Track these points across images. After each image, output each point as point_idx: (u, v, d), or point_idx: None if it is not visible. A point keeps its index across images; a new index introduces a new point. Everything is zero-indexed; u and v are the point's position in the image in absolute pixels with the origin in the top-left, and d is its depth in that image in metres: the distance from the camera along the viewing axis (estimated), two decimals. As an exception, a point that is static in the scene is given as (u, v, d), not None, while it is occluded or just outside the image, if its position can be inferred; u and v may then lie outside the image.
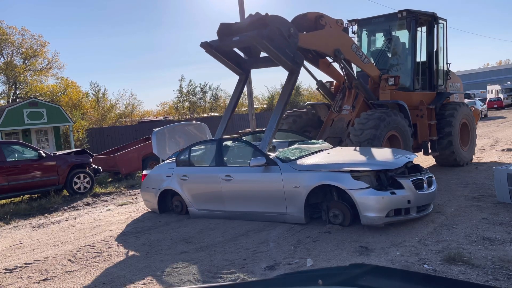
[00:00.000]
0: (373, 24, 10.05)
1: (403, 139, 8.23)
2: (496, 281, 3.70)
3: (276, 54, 6.77)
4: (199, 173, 7.13)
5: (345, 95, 9.17)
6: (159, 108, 40.43)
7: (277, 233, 5.72)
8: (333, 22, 8.35)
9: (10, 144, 11.20)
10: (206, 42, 7.63)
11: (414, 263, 4.27)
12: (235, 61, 7.99)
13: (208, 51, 7.65)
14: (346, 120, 8.85)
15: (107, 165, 13.65)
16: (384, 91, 8.76)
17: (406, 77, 9.44)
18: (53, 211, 9.46)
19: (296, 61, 7.02)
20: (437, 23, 9.82)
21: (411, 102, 9.20)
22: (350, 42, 8.51)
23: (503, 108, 35.86)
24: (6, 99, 30.85)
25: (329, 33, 8.12)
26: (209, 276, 4.49)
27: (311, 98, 42.60)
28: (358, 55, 8.45)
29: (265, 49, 6.81)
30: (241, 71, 8.07)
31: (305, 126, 9.58)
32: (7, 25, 31.17)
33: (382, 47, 9.83)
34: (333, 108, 9.24)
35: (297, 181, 5.86)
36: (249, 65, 8.21)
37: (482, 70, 77.09)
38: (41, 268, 5.38)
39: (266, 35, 6.61)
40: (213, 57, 7.74)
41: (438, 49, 9.97)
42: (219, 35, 7.46)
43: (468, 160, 10.06)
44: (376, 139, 7.55)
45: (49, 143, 21.34)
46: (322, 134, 9.04)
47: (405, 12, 9.18)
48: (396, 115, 8.13)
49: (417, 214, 5.54)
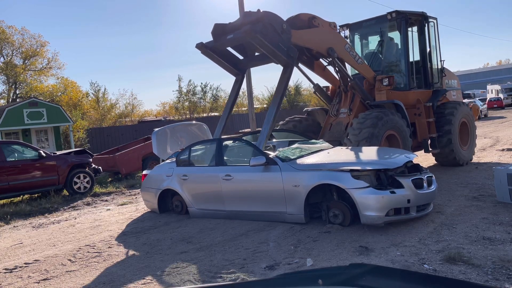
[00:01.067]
0: (364, 27, 10.15)
1: (402, 138, 8.27)
2: (496, 281, 3.70)
3: (270, 49, 6.79)
4: (199, 173, 7.13)
5: (342, 99, 9.24)
6: (159, 108, 40.49)
7: (277, 233, 5.72)
8: (326, 24, 8.38)
9: (10, 144, 11.20)
10: (202, 43, 7.65)
11: (414, 263, 4.27)
12: (231, 61, 8.02)
13: (203, 52, 7.68)
14: (344, 123, 8.91)
15: (107, 165, 13.65)
16: (379, 92, 8.81)
17: (401, 77, 9.52)
18: (53, 211, 9.46)
19: (290, 54, 7.04)
20: (428, 22, 9.89)
21: (408, 101, 9.27)
22: (344, 42, 8.57)
23: (503, 108, 35.86)
24: (6, 99, 30.87)
25: (323, 31, 8.15)
26: (209, 276, 4.49)
27: (311, 98, 42.58)
28: (351, 55, 8.50)
29: (259, 44, 6.82)
30: (237, 71, 8.11)
31: (305, 131, 9.65)
32: (7, 25, 31.28)
33: (375, 49, 9.90)
34: (331, 112, 9.31)
35: (297, 180, 5.86)
36: (244, 65, 8.24)
37: (482, 70, 77.07)
38: (41, 268, 5.38)
39: (259, 30, 6.63)
40: (208, 58, 7.77)
41: (431, 47, 10.05)
42: (213, 36, 7.48)
43: (468, 160, 10.08)
44: (374, 137, 7.58)
45: (49, 143, 21.35)
46: (321, 138, 9.04)
47: (394, 13, 9.28)
48: (394, 115, 8.17)
49: (417, 214, 5.54)
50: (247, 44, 7.54)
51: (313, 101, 41.86)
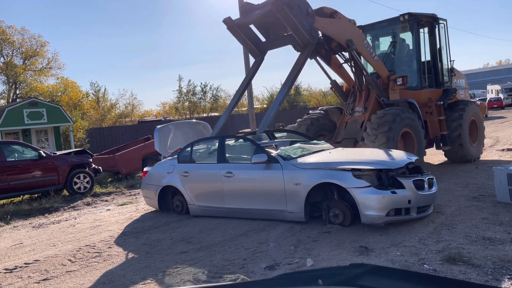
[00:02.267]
0: (376, 29, 10.52)
1: (416, 136, 8.59)
2: (496, 281, 3.70)
3: (294, 24, 7.00)
4: (200, 170, 7.15)
5: (356, 98, 9.54)
6: (159, 108, 40.46)
7: (277, 233, 5.72)
8: (346, 19, 8.65)
9: (10, 144, 11.20)
10: (229, 17, 7.88)
11: (414, 263, 4.27)
12: (254, 41, 8.25)
13: (229, 27, 7.89)
14: (359, 121, 9.15)
15: (107, 165, 13.65)
16: (393, 91, 9.12)
17: (413, 76, 9.85)
18: (53, 211, 9.46)
19: (312, 34, 7.31)
20: (438, 23, 10.22)
21: (420, 100, 9.61)
22: (362, 37, 8.85)
23: (503, 108, 35.87)
24: (6, 99, 30.86)
25: (344, 23, 8.44)
26: (209, 276, 4.49)
27: (311, 98, 42.71)
28: (369, 51, 8.80)
29: (284, 17, 7.00)
30: (258, 52, 8.33)
31: (321, 129, 9.99)
32: (7, 25, 31.24)
33: (388, 50, 10.18)
34: (346, 111, 9.60)
35: (298, 178, 5.87)
36: (265, 47, 8.49)
37: (482, 70, 77.07)
38: (41, 268, 5.38)
39: (287, 2, 6.88)
40: (233, 34, 8.00)
41: (441, 48, 10.37)
42: (241, 12, 7.83)
43: (476, 157, 10.47)
44: (392, 132, 7.89)
45: (49, 143, 21.33)
46: (337, 137, 9.38)
47: (407, 16, 9.60)
48: (409, 113, 8.48)
49: (417, 215, 5.54)
50: (271, 25, 7.80)
51: (313, 101, 41.91)
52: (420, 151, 8.66)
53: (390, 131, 7.89)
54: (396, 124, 8.01)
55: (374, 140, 7.90)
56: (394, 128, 7.95)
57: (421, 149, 8.68)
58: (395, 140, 7.93)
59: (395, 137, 7.95)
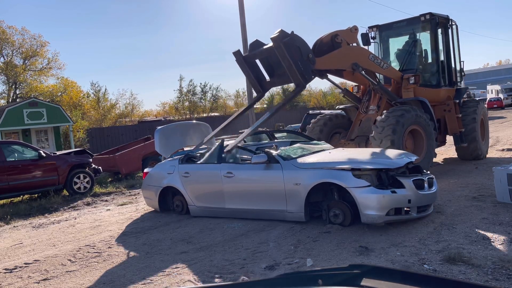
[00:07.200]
0: (394, 28, 10.77)
1: (425, 133, 8.70)
2: (496, 281, 3.70)
3: (289, 62, 7.18)
4: (201, 170, 7.15)
5: (371, 97, 9.74)
6: (159, 108, 40.53)
7: (277, 233, 5.72)
8: (347, 34, 8.58)
9: (10, 144, 11.21)
10: (239, 51, 8.18)
11: (414, 263, 4.27)
12: (258, 78, 8.39)
13: (237, 60, 8.16)
14: (373, 119, 9.29)
15: (107, 165, 13.64)
16: (407, 90, 9.34)
17: (433, 75, 10.22)
18: (53, 211, 9.46)
19: (305, 76, 7.42)
20: (451, 24, 10.55)
21: (439, 98, 10.05)
22: (367, 53, 8.89)
23: (503, 108, 35.86)
24: (6, 99, 30.84)
25: (344, 51, 8.37)
26: (209, 276, 4.49)
27: (311, 98, 43.05)
28: (376, 63, 8.88)
29: (280, 54, 7.21)
30: (260, 88, 8.45)
31: (335, 128, 10.22)
32: (7, 25, 31.19)
33: (408, 49, 10.38)
34: (361, 109, 9.82)
35: (298, 178, 5.87)
36: (268, 85, 8.61)
37: (482, 70, 77.10)
38: (41, 268, 5.38)
39: (284, 41, 7.12)
40: (240, 67, 8.25)
41: (454, 48, 10.66)
42: (250, 48, 8.07)
43: (485, 153, 10.89)
44: (396, 134, 8.00)
45: (49, 143, 21.33)
46: (352, 134, 9.64)
47: (428, 15, 9.91)
48: (416, 111, 8.58)
49: (417, 214, 5.54)
50: (274, 63, 7.90)
51: (312, 101, 42.10)
52: (430, 148, 8.68)
53: (395, 133, 7.97)
54: (400, 126, 8.09)
55: (379, 144, 8.01)
56: (398, 130, 8.03)
57: (430, 146, 8.70)
58: (400, 142, 8.01)
59: (400, 139, 8.03)
